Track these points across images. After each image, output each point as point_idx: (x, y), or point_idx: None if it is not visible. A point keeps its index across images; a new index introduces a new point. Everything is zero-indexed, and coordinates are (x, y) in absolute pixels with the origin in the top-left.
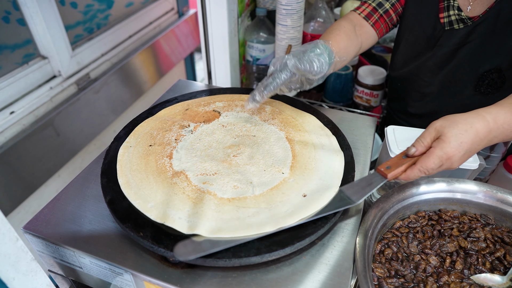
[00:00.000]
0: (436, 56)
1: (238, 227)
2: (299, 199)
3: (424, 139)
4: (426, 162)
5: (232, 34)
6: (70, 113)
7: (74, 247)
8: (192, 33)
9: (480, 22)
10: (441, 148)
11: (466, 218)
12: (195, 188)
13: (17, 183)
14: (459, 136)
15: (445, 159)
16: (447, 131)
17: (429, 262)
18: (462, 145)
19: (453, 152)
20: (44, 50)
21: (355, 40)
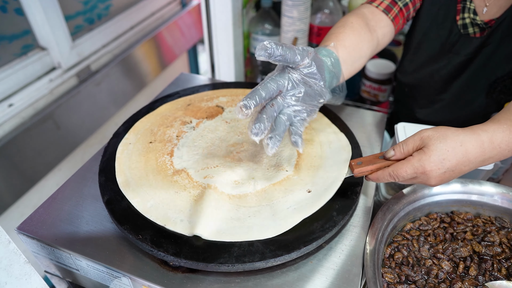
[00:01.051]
0: (452, 64)
1: (238, 230)
2: (303, 196)
3: (405, 145)
4: (399, 168)
5: (236, 25)
6: (71, 106)
7: (70, 249)
8: (195, 24)
9: (496, 27)
10: (419, 159)
11: (480, 221)
12: (197, 185)
13: (17, 177)
14: (443, 153)
15: (420, 172)
16: (432, 144)
17: (442, 268)
18: (444, 163)
19: (431, 168)
20: (43, 41)
21: (367, 36)
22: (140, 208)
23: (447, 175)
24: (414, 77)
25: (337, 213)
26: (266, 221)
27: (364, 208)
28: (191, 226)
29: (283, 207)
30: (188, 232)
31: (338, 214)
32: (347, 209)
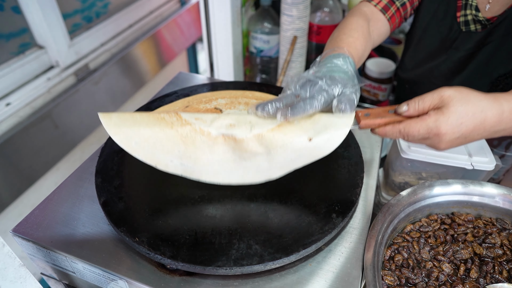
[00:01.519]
0: (451, 60)
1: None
2: (304, 144)
3: (422, 102)
4: (411, 126)
5: (235, 24)
6: (69, 104)
7: (66, 252)
8: (194, 22)
9: (498, 24)
10: (436, 120)
11: (481, 222)
12: (185, 122)
13: (15, 176)
14: (462, 116)
15: (433, 134)
16: (452, 105)
17: (442, 270)
18: (460, 128)
19: (447, 130)
20: (41, 40)
21: (370, 42)
22: (124, 146)
23: (459, 141)
24: (414, 73)
25: (336, 215)
26: (262, 166)
27: (364, 209)
28: (185, 169)
29: (280, 157)
30: (182, 173)
31: (337, 216)
32: (346, 211)
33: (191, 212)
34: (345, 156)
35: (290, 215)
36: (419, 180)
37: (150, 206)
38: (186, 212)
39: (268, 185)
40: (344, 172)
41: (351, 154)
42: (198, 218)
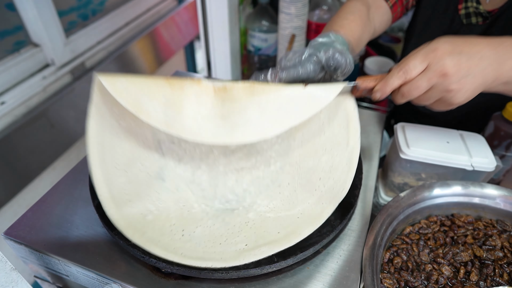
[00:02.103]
0: None
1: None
2: (298, 92)
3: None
4: (406, 59)
5: (233, 22)
6: (65, 103)
7: (59, 255)
8: (192, 20)
9: (499, 16)
10: (428, 43)
11: (481, 224)
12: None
13: (10, 176)
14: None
15: (432, 57)
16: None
17: (442, 273)
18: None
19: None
20: (36, 37)
21: (369, 27)
22: (109, 87)
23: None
24: None
25: (335, 217)
26: (253, 120)
27: (363, 211)
28: (167, 121)
29: (274, 105)
30: (163, 126)
31: (336, 218)
32: (345, 213)
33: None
34: None
35: None
36: (419, 181)
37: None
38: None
39: None
40: None
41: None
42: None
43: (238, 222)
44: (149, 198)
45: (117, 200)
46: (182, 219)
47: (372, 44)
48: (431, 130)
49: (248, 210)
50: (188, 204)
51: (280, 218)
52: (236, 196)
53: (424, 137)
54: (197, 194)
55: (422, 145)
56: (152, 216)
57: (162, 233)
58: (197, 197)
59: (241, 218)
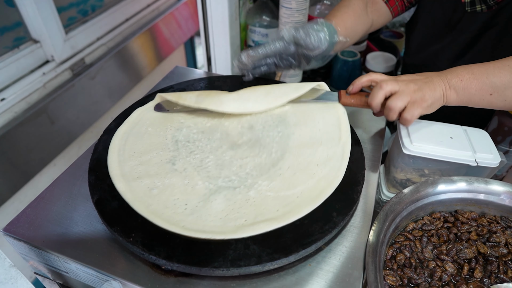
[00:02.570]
0: (456, 42)
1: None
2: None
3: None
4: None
5: (233, 17)
6: (65, 100)
7: (58, 252)
8: (192, 16)
9: (505, 5)
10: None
11: (485, 221)
12: None
13: (11, 172)
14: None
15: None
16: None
17: (446, 270)
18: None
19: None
20: (35, 34)
21: (364, 18)
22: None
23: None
24: (419, 57)
25: (337, 214)
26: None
27: (365, 207)
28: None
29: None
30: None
31: (338, 214)
32: (347, 209)
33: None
34: None
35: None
36: (421, 177)
37: None
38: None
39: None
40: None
41: (352, 151)
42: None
43: (239, 199)
44: (157, 176)
45: (127, 177)
46: (186, 194)
47: (374, 39)
48: (435, 126)
49: (249, 189)
50: (193, 181)
51: (279, 197)
52: (239, 177)
53: (427, 133)
54: (203, 174)
55: (425, 140)
56: (158, 191)
57: (166, 206)
58: (202, 176)
59: (242, 196)
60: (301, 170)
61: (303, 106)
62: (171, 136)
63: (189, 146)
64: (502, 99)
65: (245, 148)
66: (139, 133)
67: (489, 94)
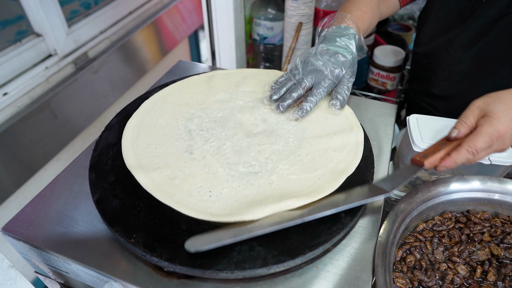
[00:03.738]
0: (471, 28)
1: None
2: None
3: (467, 119)
4: (474, 140)
5: (238, 10)
6: (68, 94)
7: (58, 252)
8: (196, 9)
9: None
10: (490, 124)
11: (499, 221)
12: None
13: (14, 167)
14: (509, 111)
15: (496, 137)
16: (494, 107)
17: (457, 272)
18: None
19: (505, 129)
20: (38, 27)
21: (377, 14)
22: None
23: None
24: (431, 46)
25: (345, 214)
26: None
27: (374, 207)
28: None
29: None
30: None
31: (346, 215)
32: (356, 209)
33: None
34: None
35: None
36: (432, 175)
37: (147, 204)
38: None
39: None
40: None
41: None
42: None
43: (262, 183)
44: (176, 166)
45: (146, 168)
46: (208, 181)
47: (381, 33)
48: (445, 122)
49: (271, 173)
50: (213, 169)
51: (302, 179)
52: (259, 162)
53: (438, 129)
54: (222, 161)
55: (437, 137)
56: (179, 180)
57: (190, 194)
58: (222, 163)
59: (265, 180)
60: (319, 155)
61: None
62: (183, 126)
63: (203, 134)
64: None
65: (261, 137)
66: (150, 124)
67: None
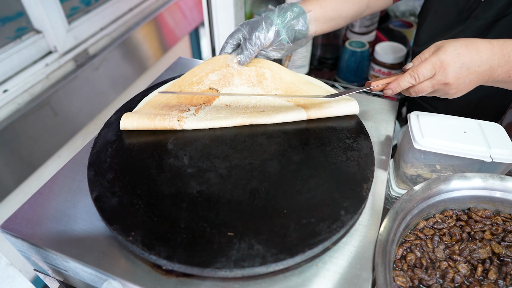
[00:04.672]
0: (469, 29)
1: None
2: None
3: (422, 55)
4: (418, 67)
5: (238, 6)
6: (68, 91)
7: (57, 250)
8: (197, 6)
9: None
10: (437, 55)
11: (500, 219)
12: None
13: (15, 164)
14: (457, 47)
15: (438, 67)
16: (446, 44)
17: (458, 271)
18: (459, 57)
19: (448, 61)
20: (37, 24)
21: (356, 4)
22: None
23: (464, 73)
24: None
25: (345, 212)
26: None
27: (374, 205)
28: None
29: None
30: None
31: (346, 213)
32: (356, 207)
33: (189, 209)
34: (354, 148)
35: (294, 213)
36: (433, 172)
37: (145, 201)
38: (183, 209)
39: (271, 179)
40: (353, 165)
41: (361, 146)
42: (196, 215)
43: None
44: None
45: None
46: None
47: (383, 29)
48: (447, 119)
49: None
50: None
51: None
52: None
53: (439, 127)
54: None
55: (438, 135)
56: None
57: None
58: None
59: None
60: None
61: None
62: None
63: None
64: None
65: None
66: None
67: None
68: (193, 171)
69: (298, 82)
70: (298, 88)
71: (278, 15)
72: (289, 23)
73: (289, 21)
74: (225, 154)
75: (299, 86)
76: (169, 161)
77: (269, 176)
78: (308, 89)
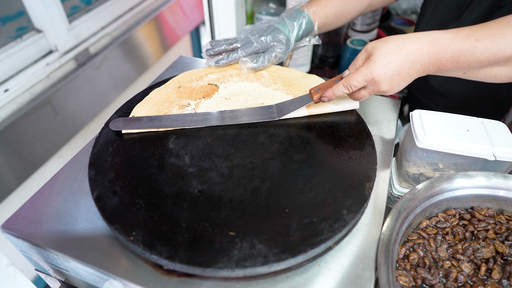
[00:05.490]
0: (465, 22)
1: None
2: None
3: (356, 61)
4: (350, 78)
5: (239, 5)
6: (69, 90)
7: (58, 250)
8: (198, 4)
9: None
10: (367, 66)
11: (503, 218)
12: None
13: (16, 164)
14: (386, 57)
15: (370, 79)
16: (375, 51)
17: (461, 270)
18: (389, 66)
19: (378, 72)
20: (38, 23)
21: (358, 1)
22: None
23: (396, 79)
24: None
25: (347, 211)
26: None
27: (376, 204)
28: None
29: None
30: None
31: (348, 212)
32: (358, 206)
33: (190, 209)
34: (356, 147)
35: (296, 212)
36: (435, 171)
37: (146, 201)
38: (184, 209)
39: (273, 178)
40: (355, 164)
41: (363, 144)
42: (197, 215)
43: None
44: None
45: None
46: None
47: (384, 27)
48: (450, 117)
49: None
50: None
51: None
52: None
53: (442, 125)
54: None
55: (440, 133)
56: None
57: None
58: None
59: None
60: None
61: None
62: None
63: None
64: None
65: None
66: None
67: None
68: (194, 170)
69: (296, 76)
70: (297, 82)
71: (291, 29)
72: (301, 34)
73: (302, 36)
74: (226, 153)
75: (298, 80)
76: (170, 160)
77: (271, 175)
78: (307, 81)
